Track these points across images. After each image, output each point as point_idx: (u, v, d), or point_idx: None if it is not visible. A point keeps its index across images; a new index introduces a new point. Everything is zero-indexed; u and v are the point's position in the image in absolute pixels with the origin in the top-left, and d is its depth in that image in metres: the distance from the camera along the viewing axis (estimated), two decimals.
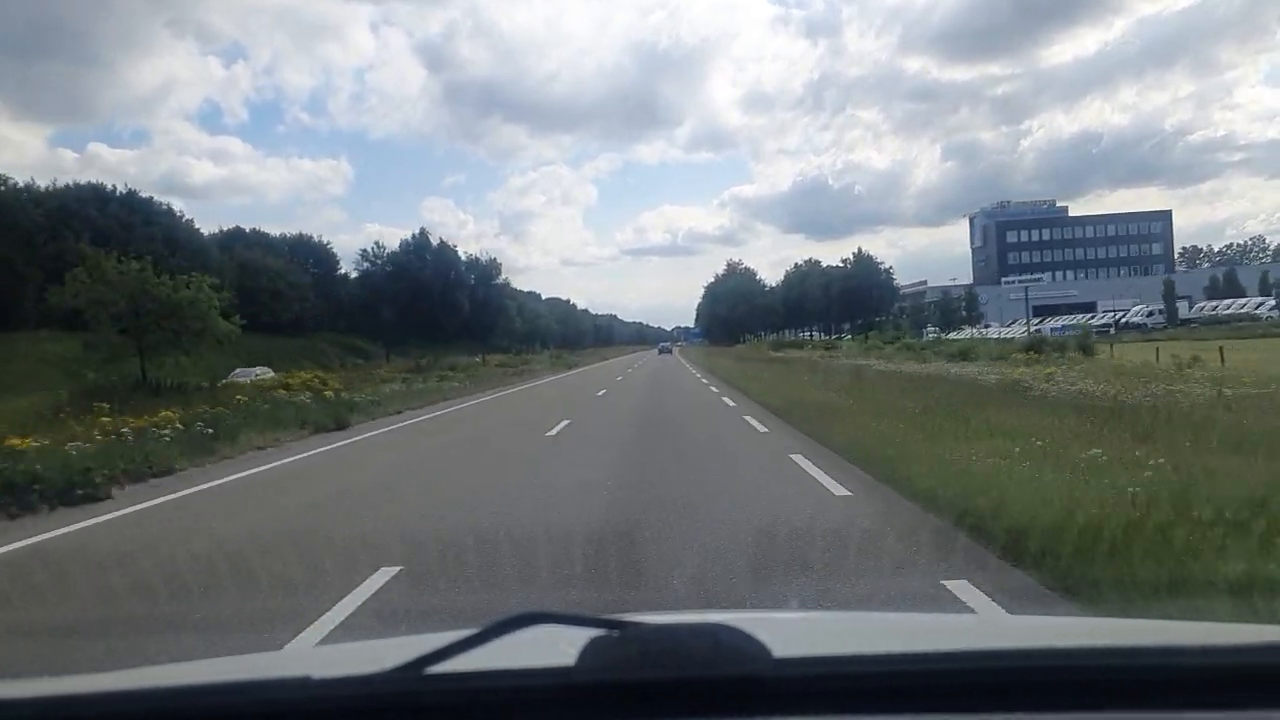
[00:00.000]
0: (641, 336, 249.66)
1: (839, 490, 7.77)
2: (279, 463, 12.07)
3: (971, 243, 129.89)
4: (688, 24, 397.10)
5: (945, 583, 4.65)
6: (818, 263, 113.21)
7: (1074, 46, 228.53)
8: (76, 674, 1.93)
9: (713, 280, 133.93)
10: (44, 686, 1.20)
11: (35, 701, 1.13)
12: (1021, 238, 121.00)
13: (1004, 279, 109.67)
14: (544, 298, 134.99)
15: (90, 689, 1.17)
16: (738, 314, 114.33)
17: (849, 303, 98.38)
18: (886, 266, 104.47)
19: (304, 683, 1.07)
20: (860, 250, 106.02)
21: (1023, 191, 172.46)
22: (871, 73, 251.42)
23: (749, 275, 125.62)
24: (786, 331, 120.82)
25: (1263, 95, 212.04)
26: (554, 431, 14.53)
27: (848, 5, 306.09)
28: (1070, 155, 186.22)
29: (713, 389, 25.41)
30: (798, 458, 9.89)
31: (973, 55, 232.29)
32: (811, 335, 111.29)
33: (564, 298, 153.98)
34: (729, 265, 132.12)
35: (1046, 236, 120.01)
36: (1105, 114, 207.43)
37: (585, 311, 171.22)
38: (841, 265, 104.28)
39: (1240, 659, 1.11)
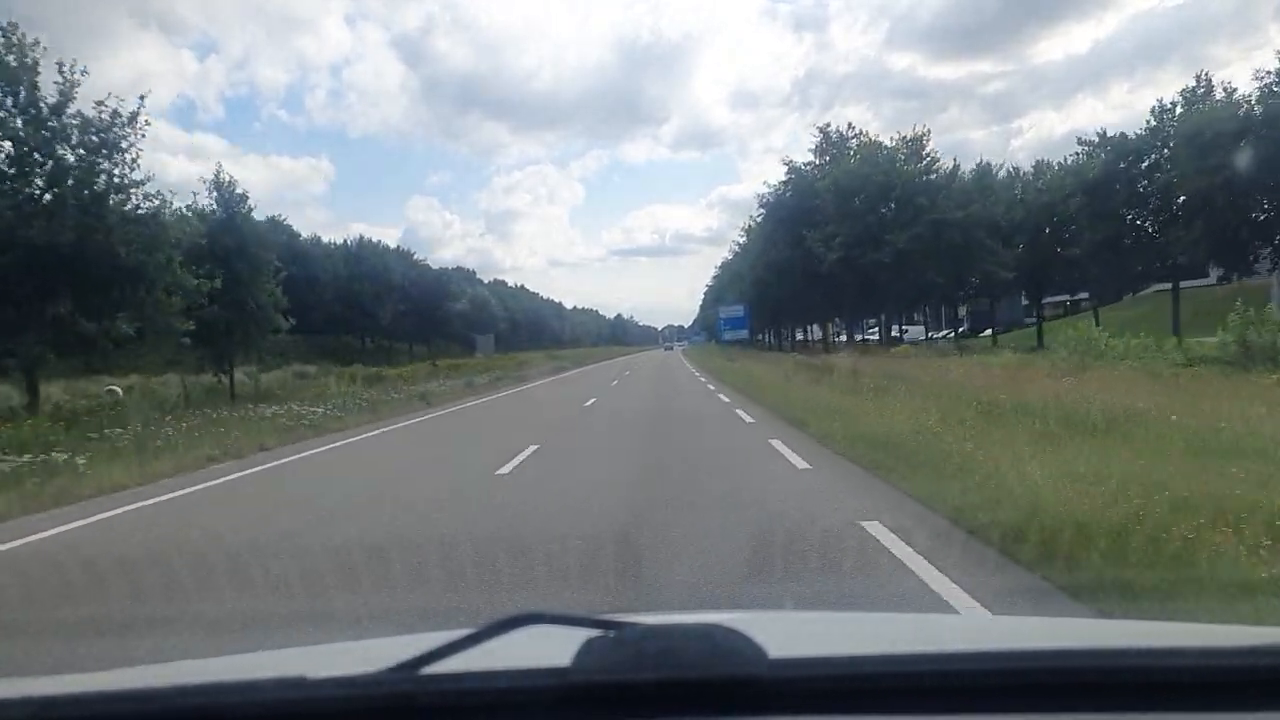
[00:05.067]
0: (619, 335, 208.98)
1: None
2: None
3: None
4: (670, 19, 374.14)
5: None
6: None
7: (1065, 43, 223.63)
8: (74, 673, 1.81)
9: (769, 195, 54.86)
10: (42, 686, 1.21)
11: (33, 701, 1.11)
12: None
13: None
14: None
15: (86, 689, 1.17)
16: (864, 266, 43.50)
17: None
18: None
19: (300, 682, 1.07)
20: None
21: None
22: (859, 70, 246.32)
23: (879, 150, 47.98)
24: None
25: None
26: None
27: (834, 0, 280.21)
28: (1061, 155, 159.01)
29: None
30: None
31: (961, 52, 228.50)
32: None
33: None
34: (785, 169, 53.86)
35: None
36: (1098, 112, 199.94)
37: (475, 278, 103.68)
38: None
39: (1238, 661, 1.10)
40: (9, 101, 18.98)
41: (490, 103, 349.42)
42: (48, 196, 19.27)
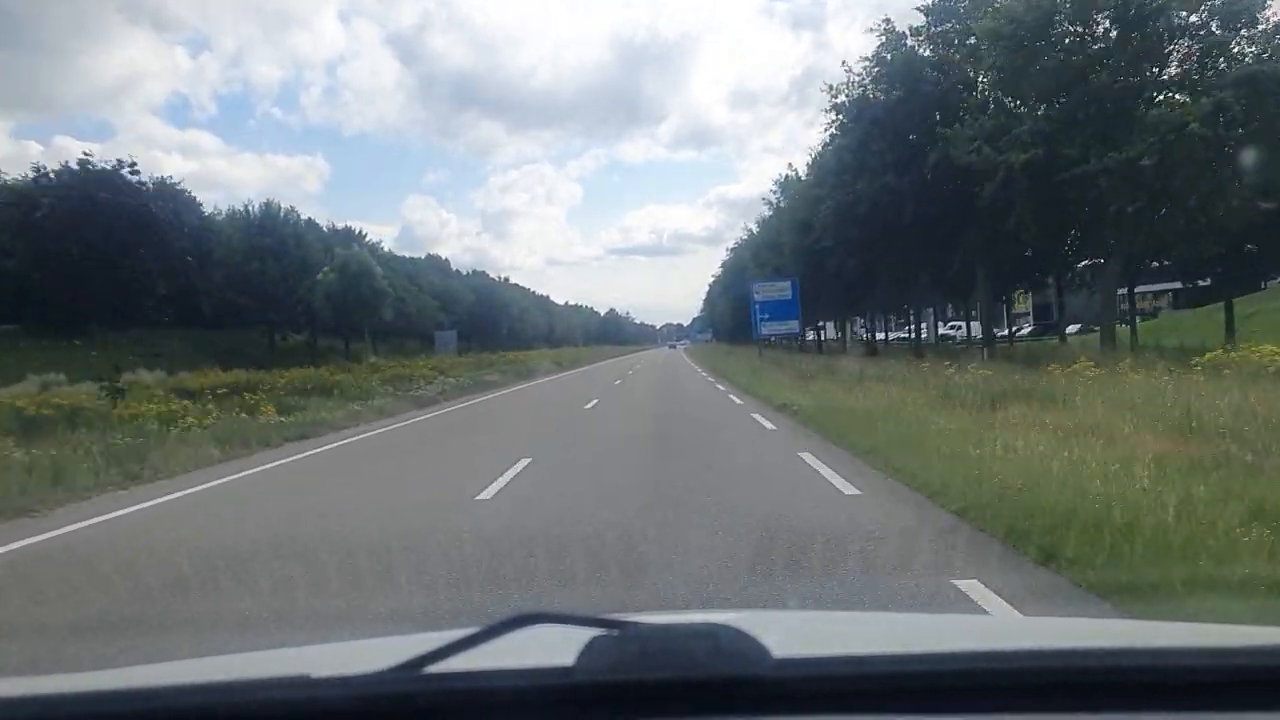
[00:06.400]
0: (612, 332, 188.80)
1: None
2: None
3: None
4: (667, 18, 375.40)
5: None
6: None
7: None
8: (75, 672, 1.86)
9: (848, 87, 28.74)
10: (42, 685, 1.22)
11: (34, 700, 1.12)
12: None
13: None
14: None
15: (86, 688, 1.18)
16: (1089, 180, 19.66)
17: None
18: None
19: (302, 681, 1.07)
20: None
21: None
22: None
23: None
24: None
25: None
26: None
27: None
28: None
29: None
30: None
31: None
32: None
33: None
34: (879, 38, 28.59)
35: None
36: None
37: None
38: None
39: (1246, 661, 1.09)
40: None
41: (487, 101, 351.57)
42: None
